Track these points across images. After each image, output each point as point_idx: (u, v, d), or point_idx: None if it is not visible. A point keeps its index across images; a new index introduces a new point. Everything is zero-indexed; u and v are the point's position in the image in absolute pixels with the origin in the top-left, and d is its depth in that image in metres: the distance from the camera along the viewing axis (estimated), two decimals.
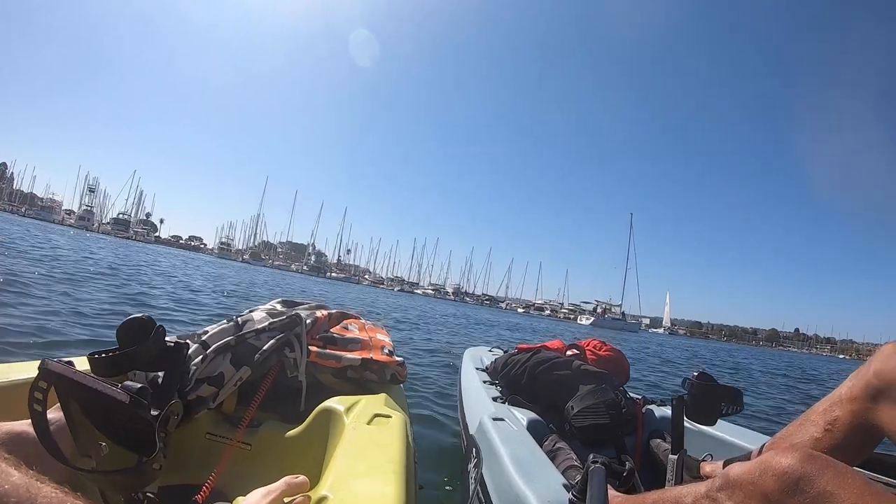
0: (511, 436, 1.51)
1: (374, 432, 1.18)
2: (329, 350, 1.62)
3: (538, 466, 1.29)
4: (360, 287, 70.90)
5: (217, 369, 1.41)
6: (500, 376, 2.18)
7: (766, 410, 6.02)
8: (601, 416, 1.68)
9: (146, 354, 1.11)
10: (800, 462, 0.74)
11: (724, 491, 0.82)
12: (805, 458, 0.75)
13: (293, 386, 1.53)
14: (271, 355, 1.50)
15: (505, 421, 1.64)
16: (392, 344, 1.84)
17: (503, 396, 2.01)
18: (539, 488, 1.15)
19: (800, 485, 0.72)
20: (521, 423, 1.68)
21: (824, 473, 0.72)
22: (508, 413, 1.74)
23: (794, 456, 0.76)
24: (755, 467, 0.79)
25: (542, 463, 1.33)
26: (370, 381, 1.63)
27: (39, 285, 6.14)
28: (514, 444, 1.44)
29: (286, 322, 1.57)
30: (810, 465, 0.73)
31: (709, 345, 56.38)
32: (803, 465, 0.74)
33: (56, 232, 31.91)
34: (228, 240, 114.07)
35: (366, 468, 0.98)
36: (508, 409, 1.83)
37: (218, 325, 1.54)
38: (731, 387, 1.30)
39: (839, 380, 1.14)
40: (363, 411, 1.30)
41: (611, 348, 2.28)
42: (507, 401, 1.95)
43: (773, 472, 0.75)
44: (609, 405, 1.70)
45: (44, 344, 3.48)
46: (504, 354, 2.43)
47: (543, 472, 1.26)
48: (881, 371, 1.02)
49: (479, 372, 2.45)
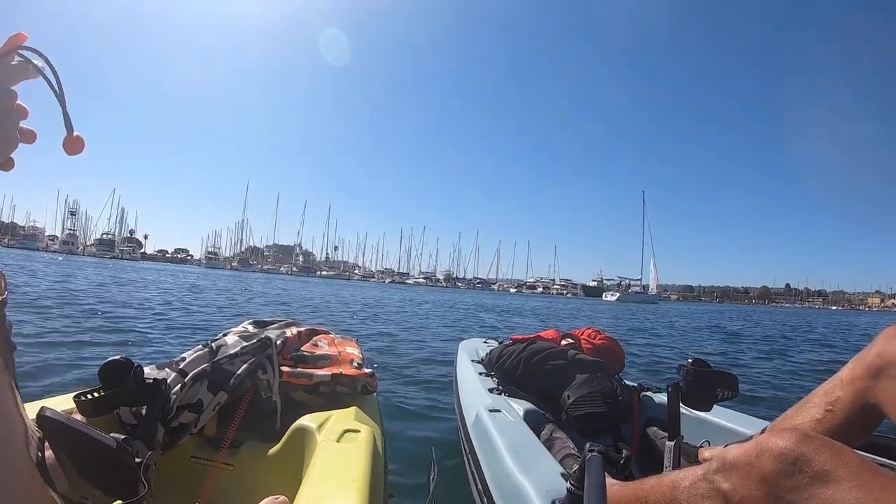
0: (508, 427, 1.51)
1: (344, 449, 1.23)
2: (300, 369, 1.67)
3: (535, 456, 1.29)
4: (351, 283, 70.90)
5: (196, 396, 1.46)
6: (496, 368, 2.18)
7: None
8: (597, 405, 1.68)
9: (127, 394, 1.20)
10: (796, 442, 0.74)
11: (721, 473, 0.81)
12: (801, 439, 0.74)
13: (268, 406, 1.58)
14: (245, 379, 1.55)
15: (501, 412, 1.64)
16: (361, 357, 1.89)
17: (499, 388, 2.01)
18: (537, 478, 1.15)
19: (797, 465, 0.72)
20: (518, 413, 1.68)
21: (821, 453, 0.71)
22: (505, 404, 1.74)
23: (790, 437, 0.75)
24: (751, 449, 0.78)
25: (540, 453, 1.33)
26: (341, 395, 1.67)
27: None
28: (511, 434, 1.44)
29: (257, 346, 1.62)
30: (807, 446, 0.73)
31: (708, 308, 57.16)
32: (800, 445, 0.73)
33: (42, 261, 30.62)
34: (215, 248, 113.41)
35: (335, 486, 1.03)
36: (505, 400, 1.83)
37: (194, 352, 1.59)
38: (727, 372, 1.30)
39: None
40: (333, 428, 1.35)
41: (605, 337, 2.27)
42: (503, 392, 1.95)
43: (770, 453, 0.75)
44: (605, 393, 1.71)
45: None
46: (499, 346, 2.42)
47: (541, 461, 1.26)
48: (883, 352, 1.02)
49: (474, 364, 2.45)
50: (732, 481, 0.78)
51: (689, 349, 9.35)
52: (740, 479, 0.78)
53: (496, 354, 2.23)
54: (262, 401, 1.58)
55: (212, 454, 1.46)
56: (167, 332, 6.63)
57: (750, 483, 0.76)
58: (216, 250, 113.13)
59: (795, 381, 5.89)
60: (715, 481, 0.81)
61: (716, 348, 9.91)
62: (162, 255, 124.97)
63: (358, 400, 1.66)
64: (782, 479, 0.72)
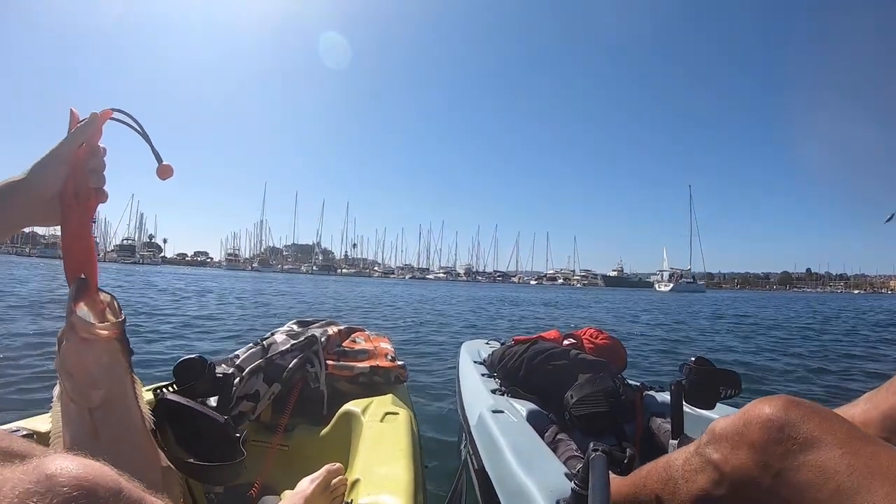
0: (511, 427, 1.50)
1: (387, 428, 1.48)
2: (342, 362, 1.93)
3: (539, 457, 1.28)
4: (371, 280, 71.07)
5: (253, 387, 1.70)
6: (498, 368, 2.16)
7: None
8: (600, 405, 1.66)
9: (203, 387, 1.48)
10: (783, 409, 0.73)
11: (711, 445, 0.80)
12: (788, 405, 0.73)
13: (316, 395, 1.82)
14: (296, 371, 1.80)
15: (504, 413, 1.63)
16: (394, 350, 2.16)
17: (502, 389, 1.99)
18: (541, 478, 1.14)
19: (785, 431, 0.71)
20: (521, 414, 1.66)
21: (809, 419, 0.70)
22: (508, 405, 1.73)
23: (776, 403, 0.74)
24: (739, 418, 0.77)
25: (544, 453, 1.31)
26: (378, 384, 1.93)
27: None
28: (514, 435, 1.43)
29: (304, 343, 1.87)
30: (794, 412, 0.72)
31: (731, 295, 56.66)
32: (787, 411, 0.72)
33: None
34: (235, 250, 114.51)
35: (383, 456, 1.27)
36: (508, 400, 1.81)
37: (247, 349, 1.85)
38: (729, 370, 1.28)
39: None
40: (376, 411, 1.59)
41: (607, 336, 2.25)
42: (505, 393, 1.93)
43: (757, 421, 0.74)
44: (608, 393, 1.68)
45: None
46: (501, 346, 2.41)
47: (545, 462, 1.25)
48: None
49: (476, 365, 2.44)
50: (722, 452, 0.78)
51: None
52: (730, 449, 0.77)
53: (498, 355, 2.21)
54: (311, 390, 1.82)
55: (268, 437, 1.68)
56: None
57: (739, 452, 0.75)
58: (236, 252, 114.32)
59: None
60: (705, 454, 0.81)
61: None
62: (182, 259, 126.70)
63: (392, 388, 1.92)
64: (771, 446, 0.71)
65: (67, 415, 0.78)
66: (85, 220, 0.80)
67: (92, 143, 0.79)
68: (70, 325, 0.73)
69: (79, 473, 0.45)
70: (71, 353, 0.74)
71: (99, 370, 0.76)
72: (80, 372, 0.74)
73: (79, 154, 0.78)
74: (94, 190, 0.80)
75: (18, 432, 1.21)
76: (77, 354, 0.74)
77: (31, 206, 0.75)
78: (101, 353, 0.76)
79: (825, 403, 0.76)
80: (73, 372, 0.74)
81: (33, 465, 0.46)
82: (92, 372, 0.75)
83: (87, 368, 0.75)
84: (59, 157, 0.76)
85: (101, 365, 0.76)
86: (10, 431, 1.20)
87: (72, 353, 0.74)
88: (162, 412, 1.20)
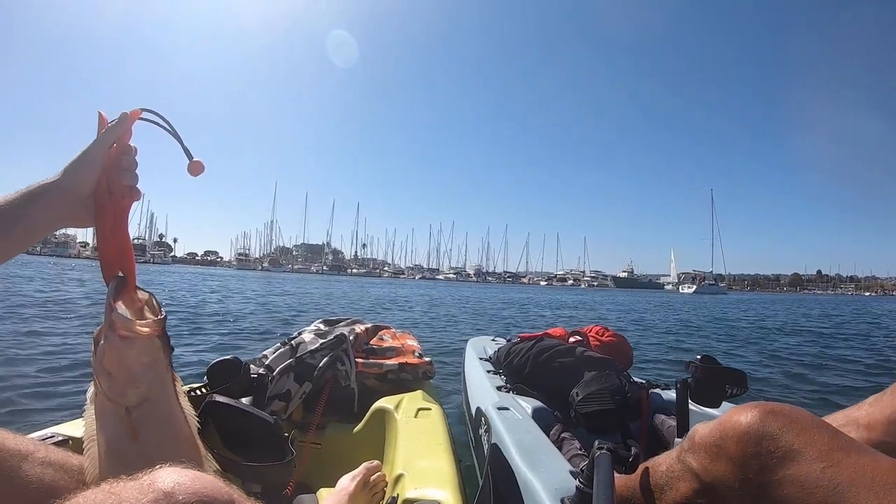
0: (516, 424, 1.50)
1: (422, 423, 1.50)
2: (371, 360, 1.96)
3: (544, 454, 1.28)
4: (382, 280, 70.94)
5: (284, 387, 1.72)
6: (504, 366, 2.16)
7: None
8: (606, 402, 1.65)
9: (238, 387, 1.51)
10: (760, 420, 0.70)
11: (691, 453, 0.79)
12: (765, 416, 0.71)
13: (347, 393, 1.83)
14: (326, 370, 1.81)
15: (510, 410, 1.63)
16: (420, 347, 2.18)
17: (507, 385, 2.00)
18: (546, 476, 1.14)
19: (763, 444, 0.68)
20: (526, 411, 1.66)
21: (788, 430, 0.68)
22: (513, 402, 1.73)
23: (753, 414, 0.72)
24: (716, 428, 0.75)
25: (549, 450, 1.31)
26: (406, 381, 1.96)
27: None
28: (519, 432, 1.42)
29: (334, 342, 1.88)
30: (772, 423, 0.69)
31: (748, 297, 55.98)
32: (764, 422, 0.70)
33: (79, 268, 30.55)
34: (245, 250, 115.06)
35: (423, 451, 1.29)
36: (513, 397, 1.81)
37: (275, 350, 1.86)
38: (735, 369, 1.27)
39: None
40: (408, 407, 1.62)
41: (613, 334, 2.24)
42: (511, 390, 1.93)
43: (734, 434, 0.71)
44: (613, 391, 1.68)
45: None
46: (507, 343, 2.40)
47: (550, 459, 1.24)
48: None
49: (482, 362, 2.44)
50: (702, 462, 0.76)
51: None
52: (709, 460, 0.75)
53: (504, 352, 2.21)
54: (342, 388, 1.83)
55: (301, 436, 1.65)
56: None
57: (719, 464, 0.73)
58: (246, 251, 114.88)
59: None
60: (686, 461, 0.79)
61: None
62: (192, 258, 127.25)
63: (420, 384, 1.96)
64: (749, 460, 0.69)
65: (103, 417, 0.76)
66: (120, 218, 0.81)
67: (123, 142, 0.80)
68: (109, 322, 0.72)
69: (197, 489, 0.45)
70: (110, 351, 0.72)
71: (140, 368, 0.74)
72: (119, 370, 0.73)
73: (111, 154, 0.79)
74: (129, 188, 0.80)
75: (52, 438, 1.21)
76: (117, 353, 0.72)
77: (66, 207, 0.76)
78: (142, 350, 0.75)
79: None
80: (112, 370, 0.73)
81: (146, 481, 0.45)
82: (133, 370, 0.74)
83: (128, 366, 0.73)
84: (92, 158, 0.77)
85: (143, 363, 0.75)
86: (44, 438, 1.21)
87: (111, 351, 0.72)
88: (208, 413, 1.22)
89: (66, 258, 69.07)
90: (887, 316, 19.14)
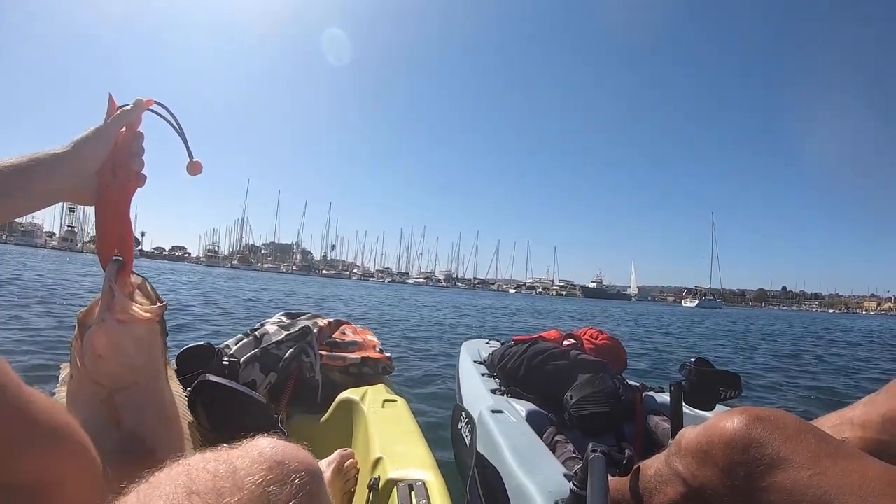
0: (511, 427, 1.50)
1: (390, 413, 1.49)
2: (335, 353, 1.99)
3: (539, 457, 1.29)
4: (352, 282, 70.24)
5: (250, 377, 1.72)
6: (498, 368, 2.15)
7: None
8: (600, 405, 1.65)
9: (213, 374, 1.44)
10: (746, 427, 0.70)
11: (678, 457, 0.78)
12: (751, 422, 0.70)
13: (311, 384, 1.84)
14: (292, 361, 1.82)
15: (504, 413, 1.63)
16: (380, 343, 2.23)
17: (501, 388, 1.99)
18: (540, 479, 1.15)
19: (749, 452, 0.68)
20: (521, 414, 1.67)
21: (775, 437, 0.67)
22: (507, 405, 1.73)
23: (739, 420, 0.71)
24: (703, 434, 0.75)
25: (543, 454, 1.32)
26: (367, 375, 1.97)
27: None
28: (513, 435, 1.43)
29: (298, 334, 1.90)
30: (758, 429, 0.69)
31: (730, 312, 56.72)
32: (750, 429, 0.69)
33: (45, 258, 29.72)
34: (214, 246, 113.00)
35: (398, 437, 1.29)
36: (507, 401, 1.82)
37: (238, 341, 1.87)
38: (729, 371, 1.27)
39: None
40: (374, 398, 1.61)
41: (607, 337, 2.26)
42: (505, 393, 1.94)
43: (720, 441, 0.71)
44: (607, 393, 1.67)
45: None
46: (501, 346, 2.40)
47: (544, 462, 1.25)
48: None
49: (476, 365, 2.43)
50: (689, 467, 0.76)
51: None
52: (696, 466, 0.74)
53: (498, 355, 2.21)
54: (306, 380, 1.85)
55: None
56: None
57: (706, 470, 0.73)
58: (215, 248, 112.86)
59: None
60: (673, 465, 0.79)
61: None
62: (159, 253, 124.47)
63: (380, 379, 1.96)
64: (735, 468, 0.69)
65: (77, 401, 0.76)
66: (124, 202, 0.81)
67: (133, 127, 0.81)
68: (106, 304, 0.72)
69: (301, 458, 0.46)
70: (105, 335, 0.72)
71: (135, 352, 0.75)
72: (113, 354, 0.73)
73: (121, 137, 0.79)
74: (136, 173, 0.81)
75: None
76: (113, 336, 0.72)
77: (71, 180, 0.75)
78: (140, 335, 0.75)
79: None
80: (105, 353, 0.72)
81: (255, 450, 0.45)
82: (127, 354, 0.74)
83: (123, 350, 0.73)
84: (105, 135, 0.77)
85: (138, 347, 0.75)
86: None
87: (106, 334, 0.72)
88: (197, 393, 1.25)
89: (34, 247, 66.88)
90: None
